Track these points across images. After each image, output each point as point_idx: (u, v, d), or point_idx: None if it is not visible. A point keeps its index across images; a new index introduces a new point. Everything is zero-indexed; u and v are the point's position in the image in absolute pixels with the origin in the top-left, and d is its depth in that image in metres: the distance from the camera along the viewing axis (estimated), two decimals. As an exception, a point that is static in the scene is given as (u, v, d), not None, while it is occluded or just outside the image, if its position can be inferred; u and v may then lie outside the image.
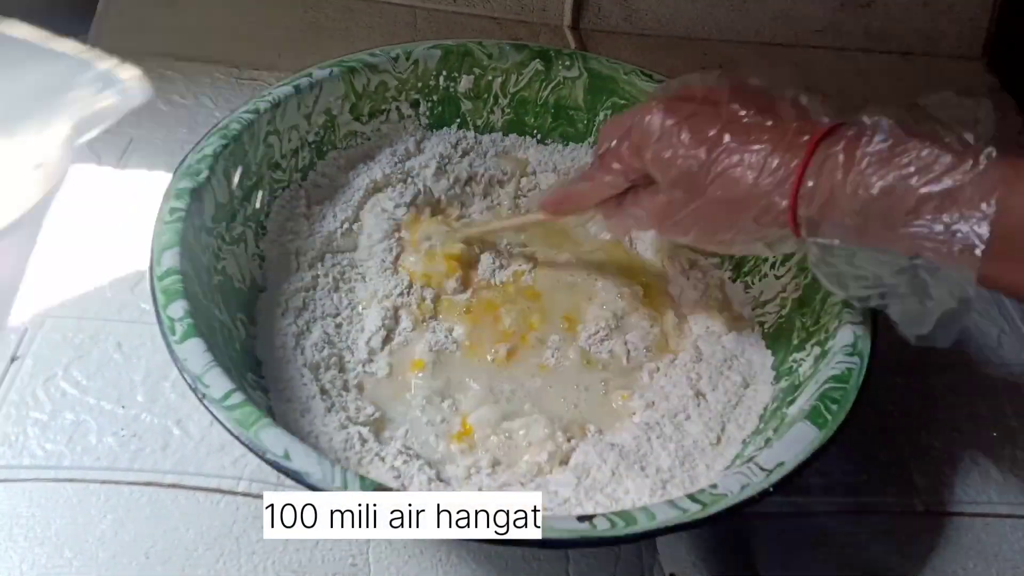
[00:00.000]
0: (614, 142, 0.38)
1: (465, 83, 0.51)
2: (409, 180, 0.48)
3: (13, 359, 0.42)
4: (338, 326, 0.42)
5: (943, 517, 0.40)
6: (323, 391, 0.38)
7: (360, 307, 0.43)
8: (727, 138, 0.33)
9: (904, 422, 0.44)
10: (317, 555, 0.36)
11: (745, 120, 0.33)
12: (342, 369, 0.41)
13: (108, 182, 0.51)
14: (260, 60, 0.62)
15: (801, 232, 0.32)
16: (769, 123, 0.33)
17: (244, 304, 0.41)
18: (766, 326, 0.43)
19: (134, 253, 0.47)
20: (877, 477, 0.42)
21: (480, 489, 0.36)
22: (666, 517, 0.29)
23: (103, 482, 0.37)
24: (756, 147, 0.32)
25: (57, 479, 0.37)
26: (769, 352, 0.42)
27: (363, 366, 0.41)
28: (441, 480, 0.36)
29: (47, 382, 0.41)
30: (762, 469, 0.31)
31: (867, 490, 0.41)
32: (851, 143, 0.31)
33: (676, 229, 0.36)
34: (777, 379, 0.41)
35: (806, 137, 0.32)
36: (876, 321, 0.37)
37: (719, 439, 0.38)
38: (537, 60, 0.50)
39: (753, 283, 0.46)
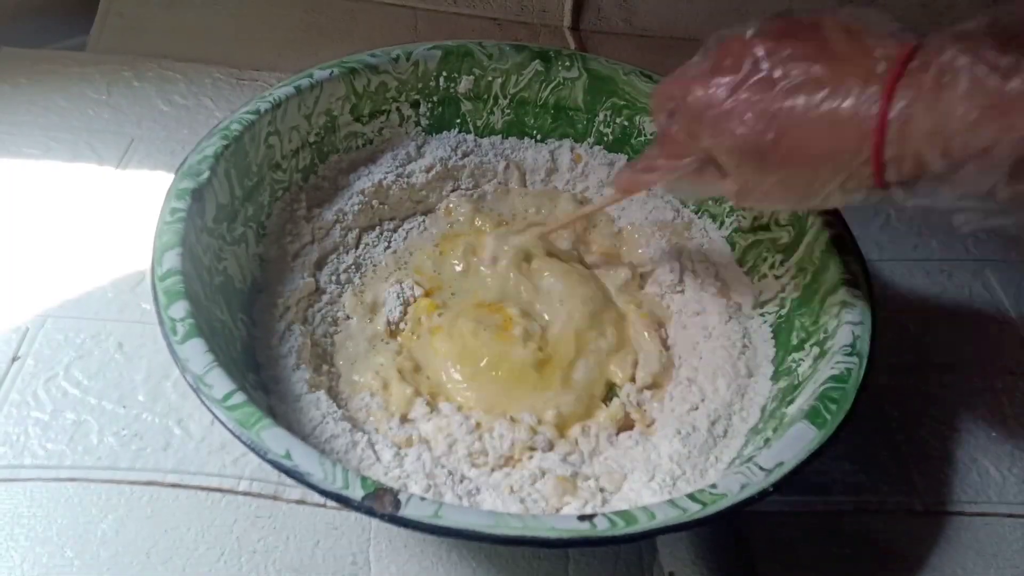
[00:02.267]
0: (666, 121, 0.36)
1: (465, 84, 0.50)
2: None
3: (14, 359, 0.42)
4: (336, 331, 0.43)
5: (943, 517, 0.40)
6: (321, 392, 0.38)
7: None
8: (786, 105, 0.30)
9: (904, 422, 0.44)
10: (318, 554, 0.36)
11: (797, 75, 0.30)
12: (340, 372, 0.41)
13: (109, 182, 0.52)
14: (260, 61, 0.63)
15: (891, 190, 0.29)
16: (826, 72, 0.29)
17: (245, 305, 0.41)
18: (765, 326, 0.43)
19: (135, 253, 0.47)
20: (877, 477, 0.42)
21: (480, 488, 0.36)
22: (666, 517, 0.30)
23: (104, 482, 0.37)
24: (822, 107, 0.29)
25: (59, 479, 0.37)
26: (772, 343, 0.42)
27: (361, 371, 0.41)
28: (440, 479, 0.36)
29: (48, 382, 0.41)
30: (762, 469, 0.31)
31: (867, 490, 0.41)
32: (931, 90, 0.27)
33: (756, 203, 0.34)
34: (776, 377, 0.41)
35: (874, 88, 0.28)
36: (876, 321, 0.37)
37: (726, 431, 0.38)
38: (537, 61, 0.50)
39: (752, 283, 0.46)
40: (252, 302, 0.42)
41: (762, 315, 0.44)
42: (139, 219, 0.49)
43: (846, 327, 0.37)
